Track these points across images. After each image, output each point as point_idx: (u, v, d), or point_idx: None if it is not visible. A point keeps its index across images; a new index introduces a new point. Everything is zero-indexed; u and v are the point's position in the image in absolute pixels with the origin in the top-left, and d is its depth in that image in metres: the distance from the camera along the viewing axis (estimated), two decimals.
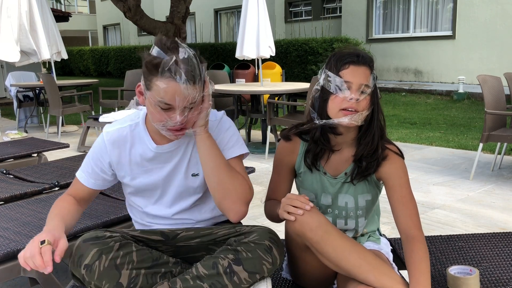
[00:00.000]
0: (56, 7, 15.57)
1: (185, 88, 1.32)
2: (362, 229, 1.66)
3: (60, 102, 6.32)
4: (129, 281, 1.32)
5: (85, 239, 1.33)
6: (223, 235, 1.48)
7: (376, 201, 1.66)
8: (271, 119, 4.93)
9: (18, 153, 3.56)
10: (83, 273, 1.29)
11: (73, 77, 20.65)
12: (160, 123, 1.38)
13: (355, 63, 1.45)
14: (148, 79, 1.35)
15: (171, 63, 1.31)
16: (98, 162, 1.58)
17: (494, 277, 1.63)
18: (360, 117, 1.44)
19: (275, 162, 1.66)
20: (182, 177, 1.55)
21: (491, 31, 9.98)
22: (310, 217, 1.37)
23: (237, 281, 1.33)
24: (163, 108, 1.35)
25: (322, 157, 1.57)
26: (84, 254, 1.30)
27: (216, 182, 1.47)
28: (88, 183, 1.60)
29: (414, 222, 1.47)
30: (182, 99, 1.33)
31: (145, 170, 1.55)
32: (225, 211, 1.49)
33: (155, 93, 1.34)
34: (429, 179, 4.09)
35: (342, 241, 1.38)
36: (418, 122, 7.03)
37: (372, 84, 1.46)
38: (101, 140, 1.57)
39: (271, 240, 1.38)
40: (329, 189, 1.59)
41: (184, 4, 10.01)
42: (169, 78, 1.31)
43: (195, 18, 18.69)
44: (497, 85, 4.10)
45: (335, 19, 13.83)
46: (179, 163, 1.55)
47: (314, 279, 1.56)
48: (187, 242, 1.50)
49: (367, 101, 1.45)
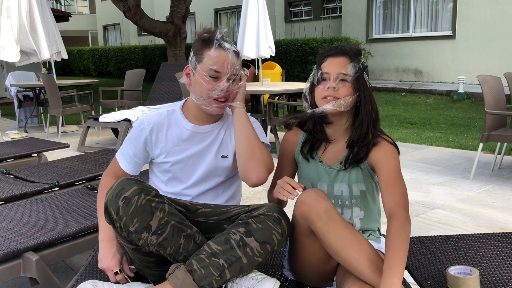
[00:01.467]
0: (56, 7, 15.58)
1: (232, 57, 1.60)
2: (360, 222, 1.67)
3: (60, 102, 6.31)
4: (158, 226, 1.41)
5: (128, 178, 1.45)
6: (237, 213, 1.56)
7: (373, 195, 1.68)
8: (271, 119, 4.93)
9: (18, 153, 3.56)
10: (120, 205, 1.37)
11: (73, 77, 20.64)
12: (207, 92, 1.58)
13: (333, 55, 1.58)
14: (200, 52, 1.60)
15: (220, 36, 1.61)
16: (134, 143, 1.70)
17: (494, 277, 1.63)
18: (341, 103, 1.55)
19: (279, 152, 1.78)
20: (212, 157, 1.70)
21: (491, 31, 9.98)
22: (319, 202, 1.42)
23: (249, 252, 1.41)
24: (212, 76, 1.58)
25: (319, 147, 1.67)
26: (126, 188, 1.40)
27: (246, 143, 1.62)
28: (124, 167, 1.74)
29: (396, 200, 1.46)
30: (230, 66, 1.59)
31: (180, 149, 1.68)
32: (248, 172, 1.60)
33: (206, 63, 1.58)
34: (429, 179, 4.09)
35: (345, 231, 1.41)
36: (418, 122, 7.03)
37: (352, 72, 1.55)
38: (141, 122, 1.70)
39: (279, 213, 1.48)
40: (324, 178, 1.65)
41: (184, 4, 10.01)
42: (219, 48, 1.59)
43: (195, 18, 18.68)
44: (497, 85, 4.10)
45: (335, 19, 13.82)
46: (211, 144, 1.70)
47: (314, 273, 1.56)
48: (206, 219, 1.59)
49: (347, 88, 1.55)
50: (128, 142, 1.72)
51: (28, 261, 1.83)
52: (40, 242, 1.89)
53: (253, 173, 1.59)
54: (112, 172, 1.76)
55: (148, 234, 1.40)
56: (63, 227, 2.04)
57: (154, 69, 15.39)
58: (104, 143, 6.14)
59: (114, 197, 1.39)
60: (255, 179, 1.59)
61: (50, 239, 1.92)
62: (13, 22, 5.73)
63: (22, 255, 1.84)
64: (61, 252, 1.99)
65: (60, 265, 2.59)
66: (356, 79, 1.56)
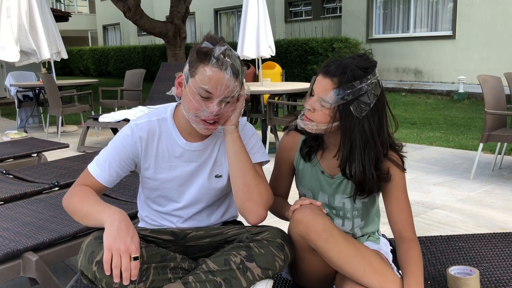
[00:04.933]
0: (56, 7, 15.58)
1: (228, 79, 1.39)
2: (360, 231, 1.66)
3: (60, 102, 6.31)
4: (140, 274, 1.33)
5: (96, 236, 1.33)
6: (234, 235, 1.50)
7: (374, 205, 1.66)
8: (271, 119, 4.93)
9: (18, 153, 3.55)
10: (94, 270, 1.28)
11: (73, 77, 20.63)
12: (195, 111, 1.41)
13: (322, 73, 1.44)
14: (195, 66, 1.41)
15: (220, 53, 1.39)
16: (120, 152, 1.51)
17: (494, 278, 1.63)
18: (314, 127, 1.45)
19: (276, 158, 1.69)
20: (206, 177, 1.56)
21: (491, 31, 9.98)
22: (316, 219, 1.38)
23: (250, 276, 1.36)
24: (202, 96, 1.40)
25: (317, 151, 1.60)
26: (96, 251, 1.29)
27: (242, 182, 1.48)
28: (101, 178, 1.51)
29: (409, 225, 1.50)
30: (224, 89, 1.39)
31: (171, 166, 1.54)
32: (246, 213, 1.49)
33: (199, 80, 1.40)
34: (429, 179, 4.09)
35: (347, 245, 1.38)
36: (418, 122, 7.02)
37: (332, 100, 1.39)
38: (128, 131, 1.52)
39: (283, 238, 1.42)
40: (326, 189, 1.60)
41: (184, 4, 10.00)
42: (216, 66, 1.38)
43: (195, 18, 18.68)
44: (497, 85, 4.10)
45: (335, 19, 13.82)
46: (205, 163, 1.56)
47: (315, 280, 1.56)
48: (197, 242, 1.52)
49: (322, 114, 1.42)
50: (112, 151, 1.51)
51: (28, 261, 1.83)
52: (40, 242, 1.88)
53: (251, 215, 1.48)
54: (85, 184, 1.52)
55: (134, 285, 1.33)
56: (63, 227, 2.04)
57: (154, 69, 15.39)
58: (104, 143, 6.14)
59: (86, 263, 1.29)
60: (253, 221, 1.48)
61: (50, 239, 1.92)
62: (13, 22, 5.73)
63: (22, 255, 1.84)
64: (61, 252, 1.98)
65: (60, 265, 2.59)
66: (338, 107, 1.40)
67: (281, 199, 1.68)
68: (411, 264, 1.39)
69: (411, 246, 1.44)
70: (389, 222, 1.53)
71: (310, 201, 1.44)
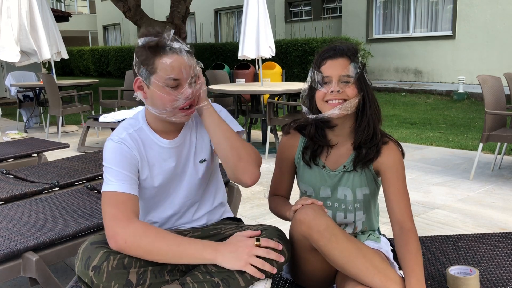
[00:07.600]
0: (56, 7, 15.59)
1: (188, 59, 1.42)
2: (361, 224, 1.67)
3: (60, 102, 6.32)
4: (137, 278, 1.33)
5: (92, 241, 1.33)
6: (230, 235, 1.49)
7: (375, 197, 1.68)
8: (271, 119, 4.93)
9: (18, 153, 3.56)
10: (91, 275, 1.28)
11: (73, 77, 20.64)
12: (172, 103, 1.42)
13: (331, 57, 1.53)
14: (150, 62, 1.41)
15: (169, 39, 1.41)
16: (124, 163, 1.46)
17: (494, 277, 1.63)
18: (349, 105, 1.51)
19: (277, 157, 1.72)
20: (192, 166, 1.59)
21: (491, 31, 9.98)
22: (318, 219, 1.39)
23: (248, 276, 1.36)
24: (172, 86, 1.41)
25: (321, 153, 1.63)
26: (92, 256, 1.29)
27: (229, 146, 1.49)
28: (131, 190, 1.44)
29: (408, 215, 1.53)
30: (188, 70, 1.42)
31: (164, 170, 1.56)
32: (240, 175, 1.48)
33: (161, 73, 1.40)
34: (429, 179, 4.09)
35: (349, 244, 1.39)
36: (418, 122, 7.02)
37: (354, 73, 1.52)
38: (117, 143, 1.48)
39: (279, 237, 1.43)
40: (328, 182, 1.63)
41: (184, 4, 10.01)
42: (172, 53, 1.40)
43: (195, 18, 18.68)
44: (497, 85, 4.10)
45: (335, 19, 13.83)
46: (189, 154, 1.59)
47: (315, 280, 1.57)
48: None
49: (352, 89, 1.52)
50: (116, 164, 1.44)
51: (28, 261, 1.83)
52: (40, 242, 1.89)
53: (245, 175, 1.48)
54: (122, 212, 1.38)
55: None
56: (63, 227, 2.04)
57: None
58: (104, 143, 6.14)
59: (83, 268, 1.29)
60: (249, 180, 1.49)
61: (50, 239, 1.92)
62: (13, 22, 5.72)
63: (22, 255, 1.84)
64: (61, 252, 1.98)
65: (60, 265, 2.59)
66: (358, 79, 1.52)
67: (282, 199, 1.69)
68: (411, 259, 1.40)
69: (410, 238, 1.46)
70: (389, 213, 1.55)
71: (312, 201, 1.44)
